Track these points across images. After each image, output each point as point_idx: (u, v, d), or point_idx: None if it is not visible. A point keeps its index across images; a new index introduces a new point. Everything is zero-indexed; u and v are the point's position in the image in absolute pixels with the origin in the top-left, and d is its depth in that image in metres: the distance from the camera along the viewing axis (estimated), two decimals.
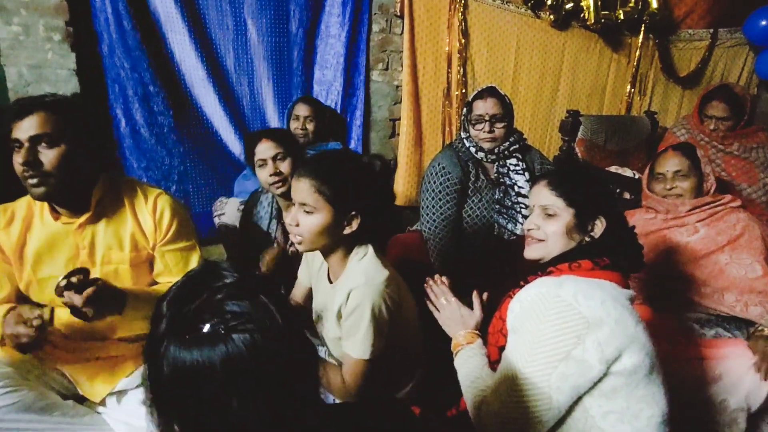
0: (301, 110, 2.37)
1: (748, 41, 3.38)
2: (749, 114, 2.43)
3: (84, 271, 1.13)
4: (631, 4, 3.02)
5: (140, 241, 1.34)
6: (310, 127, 2.35)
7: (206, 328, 0.56)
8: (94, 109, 1.57)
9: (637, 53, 3.26)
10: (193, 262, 1.41)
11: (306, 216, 1.16)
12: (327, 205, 1.14)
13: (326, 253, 1.25)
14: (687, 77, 3.46)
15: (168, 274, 1.38)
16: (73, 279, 1.09)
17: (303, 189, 1.15)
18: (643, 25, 3.17)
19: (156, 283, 1.40)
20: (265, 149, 1.72)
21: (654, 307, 1.67)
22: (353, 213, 1.16)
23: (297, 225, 1.17)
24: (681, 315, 1.65)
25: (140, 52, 2.16)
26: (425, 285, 1.33)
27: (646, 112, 3.20)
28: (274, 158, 1.72)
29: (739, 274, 1.60)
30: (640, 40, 3.22)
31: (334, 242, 1.20)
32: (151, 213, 1.34)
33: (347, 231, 1.18)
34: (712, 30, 3.38)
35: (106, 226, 1.30)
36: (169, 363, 0.57)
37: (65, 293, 1.07)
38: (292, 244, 1.85)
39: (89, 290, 1.08)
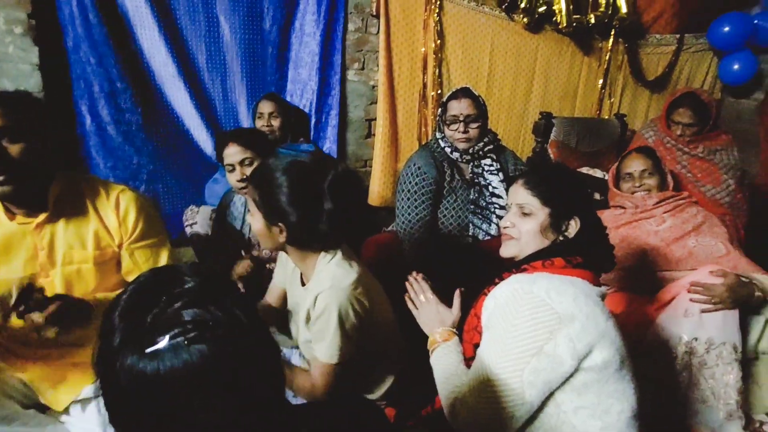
0: (265, 107, 2.34)
1: (711, 47, 3.50)
2: (714, 118, 2.51)
3: (32, 288, 1.09)
4: (602, 9, 3.08)
5: (104, 238, 1.29)
6: (275, 123, 2.32)
7: (166, 340, 0.54)
8: (53, 104, 1.52)
9: (607, 57, 3.33)
10: (164, 258, 1.38)
11: (251, 217, 1.23)
12: (258, 212, 1.20)
13: (290, 256, 1.26)
14: (654, 81, 3.55)
15: (138, 271, 1.33)
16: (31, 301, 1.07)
17: (248, 193, 1.23)
18: (613, 30, 3.24)
19: (125, 281, 1.36)
20: (232, 154, 1.71)
21: (629, 293, 1.80)
22: (280, 224, 1.18)
23: (251, 224, 1.25)
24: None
25: (107, 47, 2.10)
26: (406, 282, 1.33)
27: (615, 115, 3.27)
28: (242, 163, 1.70)
29: (706, 253, 1.76)
30: (610, 44, 3.30)
31: (279, 246, 1.23)
32: (114, 210, 1.29)
33: (280, 239, 1.20)
34: (678, 35, 3.49)
35: (65, 225, 1.25)
36: (128, 375, 0.54)
37: (25, 316, 1.06)
38: None
39: (51, 308, 1.07)
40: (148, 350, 0.54)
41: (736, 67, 3.42)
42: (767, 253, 2.59)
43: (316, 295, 1.17)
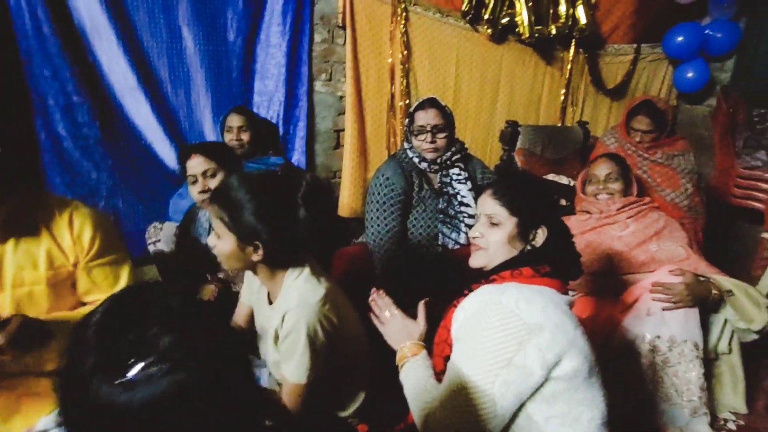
0: (234, 121, 2.29)
1: (667, 56, 3.65)
2: (671, 124, 2.61)
3: None
4: (562, 20, 3.17)
5: (57, 258, 1.24)
6: (245, 137, 2.28)
7: (143, 366, 0.52)
8: (5, 119, 1.45)
9: (569, 66, 3.43)
10: (124, 275, 1.33)
11: (217, 239, 1.16)
12: (228, 233, 1.14)
13: (258, 274, 1.22)
14: (614, 89, 3.67)
15: (97, 291, 1.29)
16: None
17: (211, 213, 1.16)
18: (573, 40, 3.34)
19: (82, 303, 1.31)
20: (195, 165, 1.67)
21: (595, 297, 1.83)
22: (256, 242, 1.14)
23: (214, 246, 1.18)
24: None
25: (62, 60, 2.03)
26: (370, 300, 1.32)
27: (578, 122, 3.35)
28: (204, 174, 1.67)
29: (667, 257, 1.81)
30: (571, 54, 3.39)
31: (250, 265, 1.19)
32: (67, 227, 1.24)
33: (255, 258, 1.16)
34: (635, 45, 3.62)
35: (15, 245, 1.19)
36: (99, 403, 0.51)
37: None
38: None
39: (12, 326, 1.02)
40: (123, 379, 0.51)
41: (690, 75, 3.58)
42: (724, 253, 2.70)
43: (283, 313, 1.14)
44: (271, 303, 1.26)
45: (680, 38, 3.45)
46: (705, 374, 1.55)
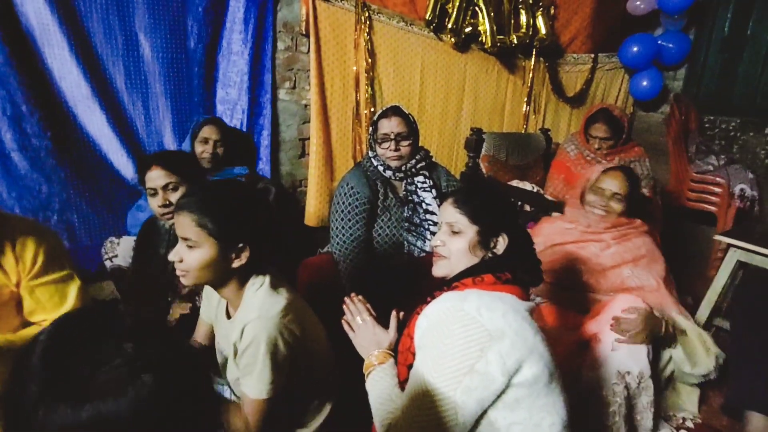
0: (212, 133, 2.23)
1: (623, 65, 3.78)
2: (627, 131, 2.70)
3: None
4: (523, 30, 3.25)
5: None
6: (220, 151, 2.24)
7: (108, 370, 0.50)
8: None
9: (531, 75, 3.51)
10: (72, 294, 1.27)
11: (189, 251, 1.09)
12: (210, 239, 1.08)
13: (216, 287, 1.18)
14: (574, 97, 3.78)
15: (42, 311, 1.23)
16: None
17: (184, 223, 1.08)
18: (534, 50, 3.43)
19: (29, 323, 1.24)
20: (155, 178, 1.61)
21: (560, 307, 1.82)
22: (241, 245, 1.10)
23: (181, 261, 1.10)
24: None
25: (9, 68, 1.93)
26: (344, 305, 1.30)
27: (540, 129, 3.44)
28: (165, 188, 1.61)
29: (637, 285, 1.78)
30: (533, 63, 3.48)
31: (224, 276, 1.14)
32: (9, 245, 1.18)
33: (236, 264, 1.12)
34: (593, 55, 3.74)
35: None
36: (58, 427, 0.48)
37: None
38: None
39: None
40: (84, 390, 0.49)
41: (644, 83, 3.72)
42: (682, 255, 2.79)
43: (242, 326, 1.10)
44: (230, 317, 1.22)
45: (635, 48, 3.58)
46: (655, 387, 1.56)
